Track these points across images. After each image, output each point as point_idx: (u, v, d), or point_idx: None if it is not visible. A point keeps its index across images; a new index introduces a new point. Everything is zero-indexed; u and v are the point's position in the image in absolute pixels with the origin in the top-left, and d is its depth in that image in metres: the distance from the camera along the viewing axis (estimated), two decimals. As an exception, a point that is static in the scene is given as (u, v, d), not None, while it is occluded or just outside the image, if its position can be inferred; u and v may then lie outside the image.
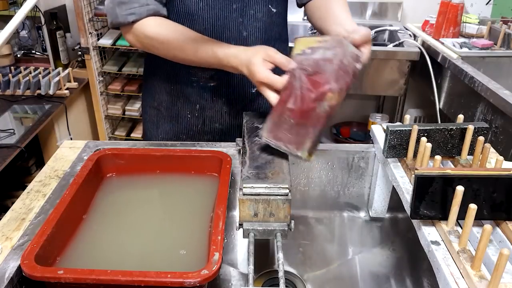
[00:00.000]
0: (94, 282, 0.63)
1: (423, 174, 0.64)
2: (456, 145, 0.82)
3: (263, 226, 0.75)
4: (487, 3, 2.31)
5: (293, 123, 0.76)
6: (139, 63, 2.35)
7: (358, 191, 1.07)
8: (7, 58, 2.28)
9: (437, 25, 1.97)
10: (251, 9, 1.01)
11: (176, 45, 0.95)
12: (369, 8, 2.33)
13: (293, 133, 0.77)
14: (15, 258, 0.71)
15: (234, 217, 1.06)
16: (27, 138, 1.67)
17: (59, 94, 2.04)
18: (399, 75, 1.93)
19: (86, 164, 0.90)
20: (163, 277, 0.63)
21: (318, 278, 0.96)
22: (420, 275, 0.94)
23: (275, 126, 0.78)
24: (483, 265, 0.57)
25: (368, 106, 2.56)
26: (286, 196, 0.74)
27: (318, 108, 0.74)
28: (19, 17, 0.72)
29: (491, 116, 1.44)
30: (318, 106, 0.74)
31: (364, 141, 2.35)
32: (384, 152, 0.85)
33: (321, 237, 1.04)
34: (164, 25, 0.97)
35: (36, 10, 2.13)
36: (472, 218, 0.59)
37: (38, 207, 0.84)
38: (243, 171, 0.79)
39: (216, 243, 0.69)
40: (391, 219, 1.06)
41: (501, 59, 1.79)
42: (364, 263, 0.99)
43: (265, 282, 0.94)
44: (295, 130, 0.76)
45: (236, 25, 1.01)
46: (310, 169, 1.04)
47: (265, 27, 1.04)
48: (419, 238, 0.68)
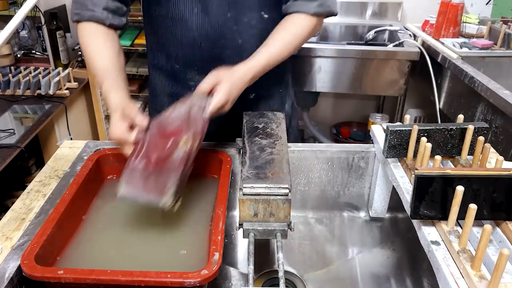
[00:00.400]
0: (94, 282, 0.63)
1: (423, 174, 0.64)
2: (456, 145, 0.82)
3: (263, 226, 0.75)
4: (487, 3, 2.31)
5: (150, 172, 0.77)
6: (139, 63, 2.35)
7: (358, 191, 1.07)
8: (7, 58, 2.28)
9: (437, 25, 1.97)
10: (245, 16, 1.01)
11: (89, 59, 0.96)
12: (369, 8, 2.32)
13: (152, 182, 0.76)
14: (15, 258, 0.71)
15: (234, 217, 1.06)
16: (27, 138, 1.67)
17: (59, 94, 2.03)
18: (399, 75, 1.93)
19: (86, 164, 0.90)
20: (163, 277, 0.63)
21: (318, 278, 0.96)
22: (420, 275, 0.94)
23: (131, 179, 0.77)
24: (483, 265, 0.57)
25: (368, 106, 2.56)
26: (286, 196, 0.74)
27: (174, 154, 0.78)
28: (19, 17, 0.72)
29: (491, 116, 1.44)
30: (174, 153, 0.78)
31: (364, 141, 2.35)
32: (384, 152, 0.85)
33: (321, 237, 1.04)
34: (96, 36, 0.97)
35: (36, 10, 2.13)
36: (472, 218, 0.59)
37: (38, 207, 0.84)
38: (243, 171, 0.79)
39: (216, 243, 0.69)
40: (391, 219, 1.06)
41: (501, 59, 1.79)
42: (364, 263, 0.99)
43: (265, 282, 0.94)
44: (154, 178, 0.76)
45: (231, 32, 1.02)
46: (310, 169, 1.04)
47: (259, 33, 1.03)
48: (419, 238, 0.68)
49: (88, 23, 0.97)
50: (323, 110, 2.59)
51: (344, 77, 1.96)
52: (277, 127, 0.96)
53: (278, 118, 1.01)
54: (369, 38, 2.19)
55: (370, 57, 1.90)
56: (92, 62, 0.95)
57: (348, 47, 1.98)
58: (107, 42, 0.96)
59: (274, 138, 0.91)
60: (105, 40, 0.97)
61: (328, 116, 2.60)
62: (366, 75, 1.94)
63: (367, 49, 1.93)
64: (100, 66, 0.93)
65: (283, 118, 1.01)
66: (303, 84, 1.99)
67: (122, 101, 0.86)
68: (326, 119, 2.58)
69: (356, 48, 1.93)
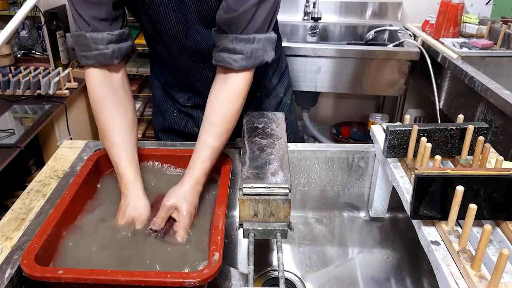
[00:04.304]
0: (94, 282, 0.63)
1: (423, 174, 0.64)
2: (456, 145, 0.82)
3: (263, 226, 0.75)
4: (487, 3, 2.31)
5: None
6: (139, 63, 2.35)
7: (358, 191, 1.07)
8: (7, 58, 2.27)
9: (437, 25, 1.97)
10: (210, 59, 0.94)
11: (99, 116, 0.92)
12: (369, 8, 2.33)
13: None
14: (15, 258, 0.71)
15: (234, 217, 1.06)
16: (27, 138, 1.66)
17: (59, 94, 2.03)
18: (399, 75, 1.93)
19: (86, 164, 0.90)
20: (163, 277, 0.63)
21: (318, 278, 0.96)
22: (420, 275, 0.95)
23: None
24: (483, 265, 0.57)
25: (368, 106, 2.56)
26: (286, 196, 0.74)
27: None
28: (19, 17, 0.72)
29: (491, 116, 1.44)
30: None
31: (364, 141, 2.35)
32: (384, 152, 0.85)
33: (321, 237, 1.04)
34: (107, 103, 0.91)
35: (36, 10, 2.13)
36: (472, 218, 0.59)
37: (38, 207, 0.84)
38: (243, 171, 0.79)
39: (216, 243, 0.69)
40: (391, 219, 1.06)
41: (501, 59, 1.79)
42: (364, 263, 0.99)
43: (265, 282, 0.94)
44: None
45: (199, 70, 1.04)
46: (310, 169, 1.04)
47: None
48: (419, 238, 0.68)
49: (94, 70, 0.90)
50: (323, 110, 2.59)
51: (344, 77, 1.96)
52: (277, 127, 0.96)
53: (278, 118, 1.01)
54: (369, 38, 2.19)
55: (370, 57, 1.90)
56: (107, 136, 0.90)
57: (348, 47, 1.98)
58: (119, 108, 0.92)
59: (274, 138, 0.91)
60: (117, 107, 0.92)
61: (328, 116, 2.60)
62: (366, 75, 1.94)
63: (367, 49, 1.93)
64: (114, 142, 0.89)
65: (283, 118, 1.01)
66: (303, 84, 1.99)
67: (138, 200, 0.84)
68: (326, 119, 2.58)
69: (356, 48, 1.93)
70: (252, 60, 0.87)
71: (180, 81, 1.11)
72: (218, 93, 0.90)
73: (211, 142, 0.86)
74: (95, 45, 0.87)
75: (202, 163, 0.85)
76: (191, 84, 1.09)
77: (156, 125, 1.26)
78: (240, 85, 0.89)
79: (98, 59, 0.88)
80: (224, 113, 0.88)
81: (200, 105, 1.11)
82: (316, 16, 2.24)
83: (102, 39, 0.87)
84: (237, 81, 0.88)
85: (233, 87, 0.89)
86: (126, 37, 0.93)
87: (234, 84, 0.89)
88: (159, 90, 1.21)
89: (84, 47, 0.88)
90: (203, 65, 1.03)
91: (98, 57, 0.88)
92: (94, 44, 0.87)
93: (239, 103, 0.89)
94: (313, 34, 2.29)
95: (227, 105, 0.88)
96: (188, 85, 1.11)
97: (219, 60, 0.88)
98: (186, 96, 1.15)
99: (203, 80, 1.06)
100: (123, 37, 0.92)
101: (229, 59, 0.86)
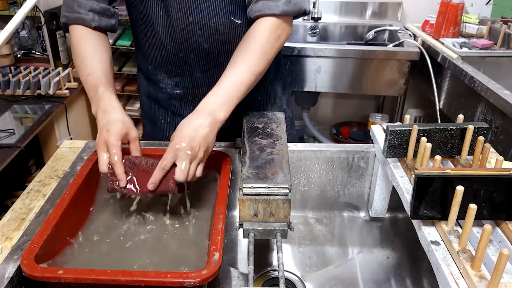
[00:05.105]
0: (94, 282, 0.63)
1: (423, 174, 0.64)
2: (456, 145, 0.82)
3: (263, 226, 0.75)
4: (487, 3, 2.31)
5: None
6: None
7: (358, 191, 1.07)
8: (7, 58, 2.27)
9: (437, 25, 1.97)
10: (212, 22, 0.97)
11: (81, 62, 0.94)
12: (369, 8, 2.33)
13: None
14: (15, 258, 0.71)
15: (234, 217, 1.06)
16: (27, 138, 1.67)
17: (59, 94, 2.03)
18: (399, 75, 1.93)
19: (86, 164, 0.90)
20: (163, 277, 0.63)
21: (318, 278, 0.95)
22: (420, 275, 0.95)
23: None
24: (483, 265, 0.57)
25: (368, 106, 2.56)
26: (286, 196, 0.74)
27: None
28: (19, 17, 0.72)
29: (491, 116, 1.44)
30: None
31: (364, 141, 2.35)
32: (384, 152, 0.85)
33: (321, 237, 1.04)
34: (88, 39, 0.96)
35: (36, 10, 2.13)
36: (472, 218, 0.59)
37: (38, 207, 0.84)
38: (243, 171, 0.79)
39: (216, 243, 0.69)
40: (391, 219, 1.06)
41: (501, 59, 1.79)
42: (364, 263, 0.99)
43: (265, 282, 0.94)
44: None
45: (194, 37, 0.99)
46: (310, 169, 1.04)
47: (229, 39, 1.00)
48: (419, 238, 0.68)
49: (76, 26, 0.96)
50: (323, 110, 2.59)
51: (344, 77, 1.96)
52: (277, 127, 0.96)
53: (278, 118, 1.01)
54: (369, 38, 2.19)
55: (370, 57, 1.90)
56: (86, 65, 0.93)
57: (348, 47, 1.99)
58: (98, 47, 0.96)
59: (274, 138, 0.91)
60: (96, 45, 0.96)
61: (328, 116, 2.60)
62: (366, 75, 1.95)
63: (367, 49, 1.93)
64: (95, 70, 0.91)
65: (283, 118, 1.01)
66: (303, 84, 1.99)
67: (123, 117, 0.85)
68: (326, 119, 2.58)
69: (356, 48, 1.93)
70: (292, 5, 0.89)
71: (169, 62, 1.05)
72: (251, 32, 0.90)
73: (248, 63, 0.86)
74: (78, 8, 0.94)
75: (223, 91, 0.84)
76: (183, 58, 1.03)
77: (147, 135, 1.24)
78: (279, 30, 0.89)
79: (76, 22, 0.95)
80: (260, 44, 0.87)
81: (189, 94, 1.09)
82: (316, 16, 2.24)
83: (85, 4, 0.94)
84: (271, 27, 0.89)
85: (271, 27, 0.89)
86: (110, 14, 0.98)
87: (273, 26, 0.89)
88: (144, 97, 1.18)
89: (68, 8, 0.95)
90: (199, 32, 0.98)
91: (77, 20, 0.95)
92: (78, 7, 0.94)
93: (276, 47, 0.89)
94: (313, 34, 2.30)
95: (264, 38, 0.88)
96: (177, 66, 1.05)
97: (258, 9, 0.89)
98: (174, 82, 1.09)
99: (197, 50, 1.01)
100: (107, 13, 0.98)
101: (270, 4, 0.88)
